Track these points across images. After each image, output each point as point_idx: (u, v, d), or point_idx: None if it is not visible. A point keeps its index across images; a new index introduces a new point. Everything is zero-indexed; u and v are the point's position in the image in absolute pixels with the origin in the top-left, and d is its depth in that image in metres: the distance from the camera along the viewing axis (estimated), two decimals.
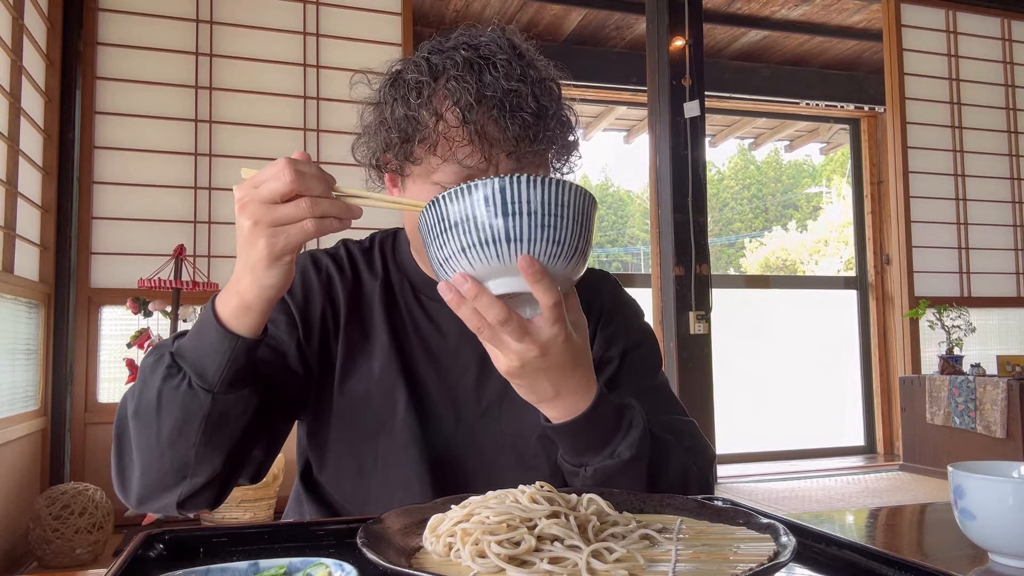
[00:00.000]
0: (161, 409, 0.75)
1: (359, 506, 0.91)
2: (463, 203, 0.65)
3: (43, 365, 3.30)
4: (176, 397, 0.75)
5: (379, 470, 0.90)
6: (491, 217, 0.64)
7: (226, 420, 0.77)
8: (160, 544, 0.63)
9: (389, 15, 4.06)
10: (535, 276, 0.65)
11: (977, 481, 0.68)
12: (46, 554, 2.80)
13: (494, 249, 0.65)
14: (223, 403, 0.75)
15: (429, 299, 0.96)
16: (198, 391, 0.74)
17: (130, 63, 3.65)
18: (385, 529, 0.59)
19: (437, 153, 0.82)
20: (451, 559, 0.54)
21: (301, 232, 0.69)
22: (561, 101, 0.88)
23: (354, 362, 0.92)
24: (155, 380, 0.76)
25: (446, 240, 0.67)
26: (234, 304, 0.74)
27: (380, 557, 0.51)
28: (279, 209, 0.68)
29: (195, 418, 0.75)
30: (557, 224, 0.65)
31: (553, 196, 0.65)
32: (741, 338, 6.97)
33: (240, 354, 0.74)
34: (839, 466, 5.35)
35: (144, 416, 0.76)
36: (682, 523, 0.63)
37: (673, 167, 4.40)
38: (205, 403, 0.74)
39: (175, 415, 0.75)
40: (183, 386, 0.75)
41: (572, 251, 0.67)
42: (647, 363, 0.99)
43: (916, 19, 5.14)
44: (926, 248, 5.01)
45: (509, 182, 0.64)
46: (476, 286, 0.66)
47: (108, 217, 3.57)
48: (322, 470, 0.94)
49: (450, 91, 0.81)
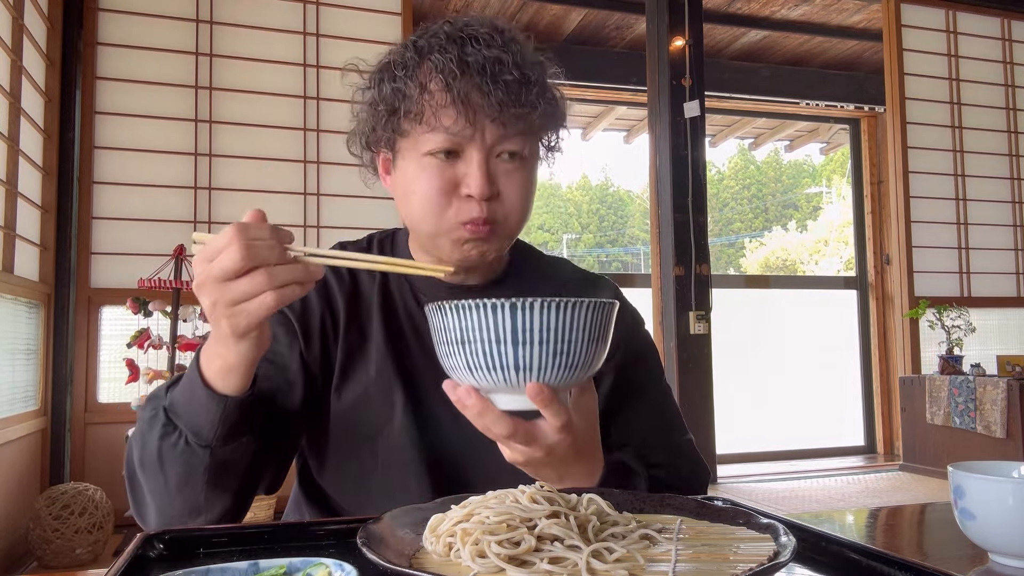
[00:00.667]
0: (163, 463, 0.76)
1: (359, 508, 0.91)
2: (471, 321, 0.62)
3: (43, 365, 3.30)
4: (175, 454, 0.75)
5: (378, 472, 0.90)
6: (500, 344, 0.61)
7: (228, 468, 0.77)
8: (160, 544, 0.63)
9: (389, 15, 4.06)
10: (545, 402, 0.64)
11: (977, 481, 0.68)
12: (46, 554, 2.80)
13: (502, 375, 0.62)
14: (222, 454, 0.76)
15: (427, 299, 0.95)
16: (195, 448, 0.75)
17: (130, 63, 3.65)
18: (385, 529, 0.59)
19: (423, 122, 0.83)
20: (451, 559, 0.54)
21: (262, 307, 0.65)
22: (545, 72, 0.89)
23: (352, 365, 0.92)
24: (153, 437, 0.77)
25: (452, 352, 0.64)
26: (217, 366, 0.73)
27: (380, 557, 0.51)
28: (235, 287, 0.65)
29: (197, 471, 0.76)
30: (569, 349, 0.62)
31: (566, 321, 0.61)
32: (741, 338, 6.97)
33: (231, 412, 0.74)
34: (839, 466, 5.35)
35: (149, 468, 0.78)
36: (682, 523, 0.63)
37: (673, 167, 4.40)
38: (204, 458, 0.75)
39: (177, 469, 0.76)
40: (180, 443, 0.75)
41: (586, 368, 0.64)
42: (647, 376, 0.98)
43: (916, 19, 5.14)
44: (926, 248, 5.01)
45: (521, 307, 0.60)
46: (481, 403, 0.65)
47: (108, 217, 3.57)
48: (322, 473, 0.93)
49: (434, 62, 0.83)
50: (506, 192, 0.86)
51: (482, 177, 0.83)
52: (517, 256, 1.01)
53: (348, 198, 3.86)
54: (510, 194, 0.86)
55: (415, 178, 0.86)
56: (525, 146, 0.87)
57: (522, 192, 0.87)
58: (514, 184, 0.86)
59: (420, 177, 0.85)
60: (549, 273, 1.01)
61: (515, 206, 0.87)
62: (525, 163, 0.87)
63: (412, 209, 0.87)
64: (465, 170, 0.84)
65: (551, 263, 1.04)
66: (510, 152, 0.86)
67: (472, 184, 0.83)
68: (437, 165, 0.84)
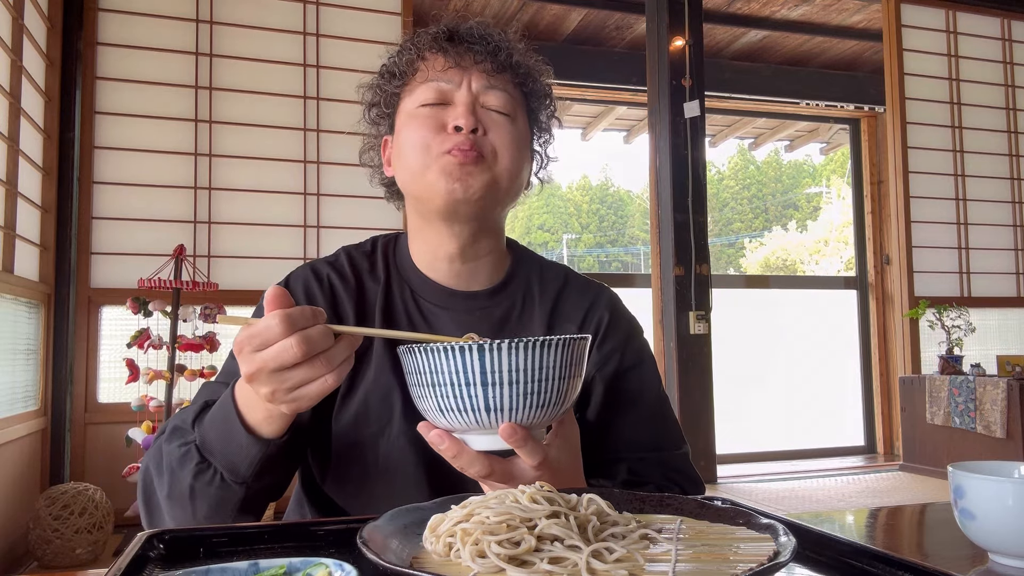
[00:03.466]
0: (195, 499, 0.78)
1: (360, 509, 0.91)
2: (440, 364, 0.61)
3: (43, 365, 3.30)
4: (210, 491, 0.77)
5: (379, 474, 0.90)
6: (470, 387, 0.61)
7: (259, 497, 0.80)
8: (160, 544, 0.63)
9: (389, 15, 4.06)
10: (519, 443, 0.64)
11: (977, 481, 0.68)
12: (46, 554, 2.80)
13: (474, 417, 0.62)
14: (256, 487, 0.78)
15: (428, 303, 0.95)
16: (231, 485, 0.77)
17: (130, 63, 3.65)
18: (385, 529, 0.59)
19: (416, 76, 0.91)
20: (451, 559, 0.54)
21: (323, 388, 0.66)
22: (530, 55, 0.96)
23: (356, 368, 0.92)
24: (185, 475, 0.78)
25: (425, 394, 0.64)
26: (261, 416, 0.74)
27: (379, 557, 0.51)
28: (295, 376, 0.65)
29: (229, 504, 0.78)
30: (541, 388, 0.61)
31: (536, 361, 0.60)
32: (741, 338, 6.97)
33: (273, 451, 0.76)
34: (839, 466, 5.35)
35: (178, 501, 0.79)
36: (682, 523, 0.63)
37: (673, 167, 4.40)
38: (239, 493, 0.77)
39: (209, 503, 0.78)
40: (216, 480, 0.77)
41: (559, 405, 0.64)
42: (641, 385, 0.97)
43: (916, 19, 5.14)
44: (926, 248, 5.01)
45: (489, 349, 0.60)
46: (455, 445, 0.66)
47: (108, 217, 3.57)
48: (324, 477, 0.93)
49: (431, 35, 0.92)
50: (493, 135, 0.90)
51: (467, 110, 0.88)
52: (516, 262, 1.01)
53: (348, 198, 3.86)
54: (497, 137, 0.90)
55: (408, 128, 0.90)
56: (511, 107, 0.91)
57: (509, 140, 0.90)
58: (501, 131, 0.90)
59: (412, 125, 0.90)
60: (549, 278, 1.01)
61: (503, 147, 0.90)
62: (513, 124, 0.91)
63: (405, 161, 0.90)
64: (453, 111, 0.89)
65: (551, 268, 1.03)
66: (496, 108, 0.90)
67: (459, 118, 0.88)
68: (427, 112, 0.89)
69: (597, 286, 1.04)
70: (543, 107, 0.98)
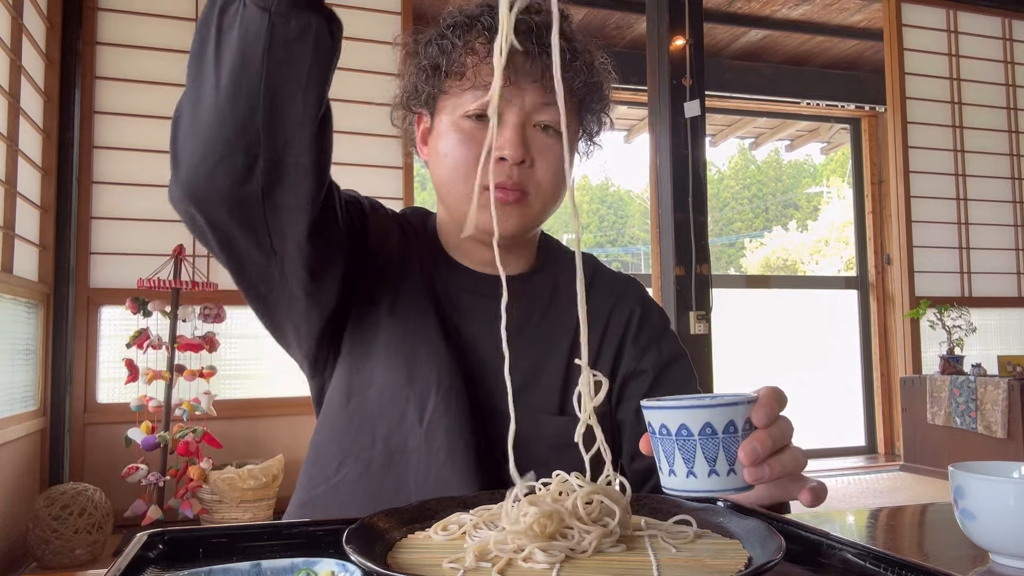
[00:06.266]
0: (220, 47, 0.68)
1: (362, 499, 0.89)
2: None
3: (42, 365, 3.30)
4: (232, 27, 0.67)
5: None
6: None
7: (291, 60, 0.68)
8: (160, 544, 0.63)
9: (389, 15, 4.06)
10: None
11: (978, 481, 0.68)
12: (45, 554, 2.80)
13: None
14: (284, 31, 0.67)
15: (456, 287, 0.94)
16: (254, 11, 0.66)
17: (130, 63, 3.65)
18: (373, 529, 0.59)
19: (464, 78, 0.84)
20: (437, 564, 0.54)
21: None
22: (593, 54, 0.89)
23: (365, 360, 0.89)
24: (210, 20, 0.68)
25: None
26: None
27: (364, 557, 0.51)
28: None
29: (255, 56, 0.67)
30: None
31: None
32: (741, 338, 6.97)
33: None
34: (839, 466, 5.34)
35: (200, 61, 0.70)
36: (675, 523, 0.62)
37: (673, 167, 4.40)
38: (263, 28, 0.66)
39: (232, 55, 0.67)
40: (240, 10, 0.67)
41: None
42: (684, 377, 0.96)
43: (917, 19, 5.14)
44: (927, 248, 5.01)
45: None
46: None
47: (108, 217, 3.57)
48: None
49: (483, 23, 0.84)
50: (540, 163, 0.85)
51: (517, 139, 0.82)
52: (546, 251, 1.01)
53: None
54: (543, 166, 0.85)
55: (449, 139, 0.85)
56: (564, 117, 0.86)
57: (556, 167, 0.85)
58: (548, 158, 0.85)
59: (454, 138, 0.85)
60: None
61: (547, 180, 0.85)
62: (560, 141, 0.85)
63: (444, 171, 0.87)
64: (501, 135, 0.83)
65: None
66: (547, 124, 0.84)
67: (506, 146, 0.82)
68: (472, 127, 0.84)
69: (624, 278, 1.03)
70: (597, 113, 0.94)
